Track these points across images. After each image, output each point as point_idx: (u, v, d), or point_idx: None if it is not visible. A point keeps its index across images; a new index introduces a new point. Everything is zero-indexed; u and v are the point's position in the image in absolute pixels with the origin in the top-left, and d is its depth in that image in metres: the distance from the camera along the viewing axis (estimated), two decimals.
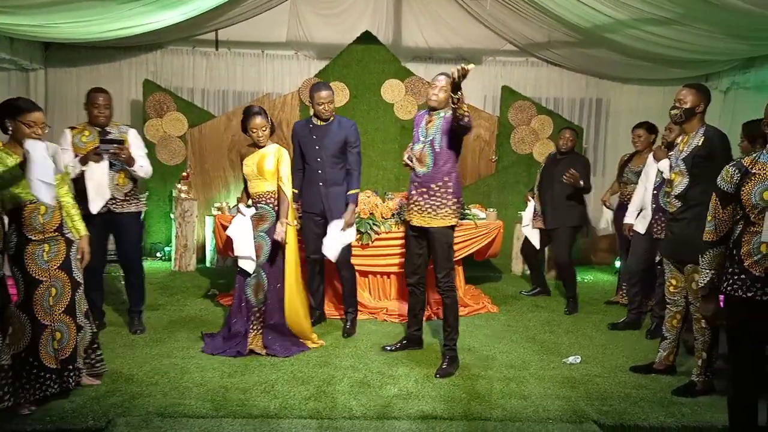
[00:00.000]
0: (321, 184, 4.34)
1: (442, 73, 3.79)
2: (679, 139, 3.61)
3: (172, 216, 6.49)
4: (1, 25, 5.39)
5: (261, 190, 4.02)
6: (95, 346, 3.44)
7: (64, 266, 3.21)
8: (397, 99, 6.85)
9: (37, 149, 2.95)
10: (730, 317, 2.59)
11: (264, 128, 3.94)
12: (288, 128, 6.83)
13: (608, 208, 5.65)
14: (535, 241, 5.57)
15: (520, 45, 7.20)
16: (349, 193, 4.36)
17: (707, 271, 2.66)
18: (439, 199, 3.74)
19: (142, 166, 4.18)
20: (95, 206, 4.04)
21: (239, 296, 4.04)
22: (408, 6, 7.05)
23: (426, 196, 3.76)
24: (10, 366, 3.04)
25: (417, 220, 3.82)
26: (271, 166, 3.97)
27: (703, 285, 2.67)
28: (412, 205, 3.85)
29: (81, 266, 3.34)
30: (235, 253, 4.03)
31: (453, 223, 3.79)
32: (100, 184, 4.05)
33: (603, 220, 5.95)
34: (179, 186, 6.39)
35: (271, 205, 4.02)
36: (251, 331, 3.99)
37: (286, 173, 4.00)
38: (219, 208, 5.90)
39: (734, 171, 2.57)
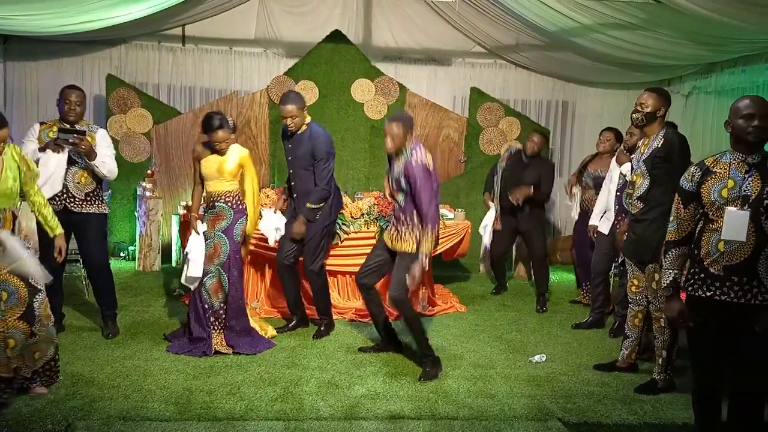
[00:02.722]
0: (295, 195, 4.30)
1: (390, 119, 3.72)
2: (640, 142, 3.68)
3: (136, 214, 6.35)
4: None
5: (220, 189, 3.99)
6: (56, 358, 3.31)
7: (17, 271, 3.05)
8: (367, 99, 6.84)
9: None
10: (690, 317, 2.64)
11: (227, 141, 3.90)
12: (256, 126, 6.78)
13: (571, 195, 5.59)
14: (487, 242, 5.66)
15: (488, 47, 7.27)
16: (306, 204, 4.17)
17: (670, 271, 2.70)
18: (408, 229, 3.72)
19: (104, 162, 4.02)
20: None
21: (195, 301, 3.98)
22: (378, 5, 7.05)
23: (398, 224, 3.78)
24: None
25: (388, 240, 3.85)
26: (232, 166, 3.95)
27: (666, 285, 2.71)
28: (391, 228, 3.86)
29: (59, 260, 3.27)
30: (188, 273, 3.98)
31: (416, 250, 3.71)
32: (53, 175, 3.88)
33: (566, 220, 6.06)
34: (144, 184, 6.25)
35: (229, 204, 3.99)
36: (213, 332, 3.95)
37: (250, 178, 4.03)
38: (185, 207, 5.79)
39: (696, 170, 2.64)
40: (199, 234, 4.03)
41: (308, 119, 4.25)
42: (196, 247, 4.00)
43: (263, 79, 7.00)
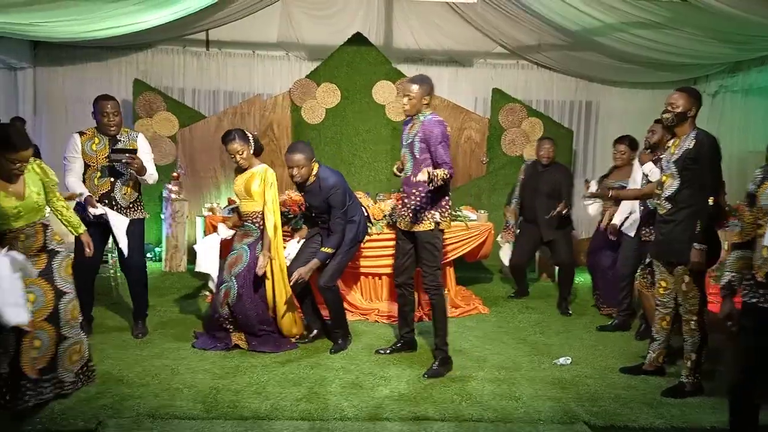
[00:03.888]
0: (324, 227, 4.23)
1: (409, 80, 3.81)
2: (670, 143, 3.64)
3: (162, 216, 6.45)
4: None
5: (249, 210, 4.08)
6: (90, 356, 3.40)
7: (44, 274, 3.14)
8: (388, 100, 6.86)
9: (1, 269, 2.77)
10: (738, 321, 2.61)
11: (241, 152, 3.96)
12: (279, 128, 6.85)
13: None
14: (505, 259, 5.66)
15: (510, 48, 7.24)
16: (322, 249, 4.07)
17: (728, 272, 2.68)
18: (419, 204, 3.75)
19: (152, 174, 4.14)
20: (95, 212, 3.99)
21: (212, 305, 4.19)
22: (399, 8, 7.07)
23: (407, 200, 3.82)
24: (8, 374, 3.03)
25: (402, 225, 3.89)
26: (257, 187, 3.99)
27: (721, 286, 2.70)
28: (400, 209, 3.92)
29: (89, 254, 3.42)
30: (196, 268, 4.17)
31: (432, 227, 3.75)
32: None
33: (589, 221, 5.99)
34: (170, 186, 6.35)
35: (256, 225, 4.07)
36: (233, 333, 4.08)
37: (271, 198, 3.98)
38: (210, 209, 5.87)
39: (759, 171, 2.60)
40: (218, 235, 4.17)
41: (315, 169, 4.08)
42: (208, 245, 4.18)
43: (285, 82, 7.06)
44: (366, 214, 4.62)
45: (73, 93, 6.89)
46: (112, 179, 4.08)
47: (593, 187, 4.90)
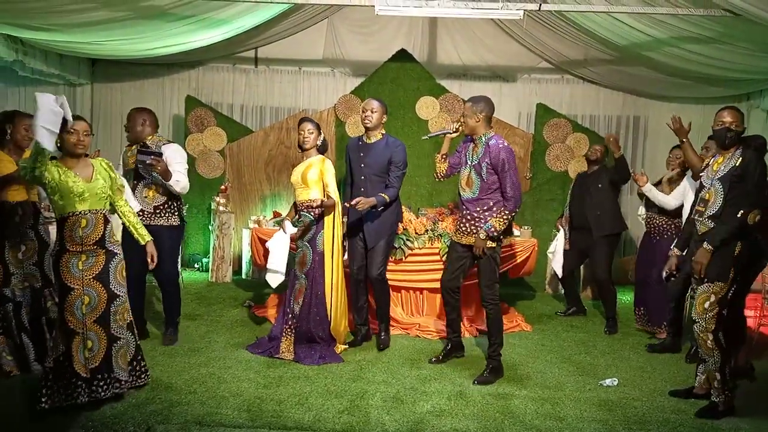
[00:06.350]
0: (361, 227, 4.40)
1: (468, 100, 3.94)
2: (711, 160, 3.61)
3: (210, 228, 6.63)
4: (51, 42, 5.65)
5: (304, 198, 4.26)
6: (139, 357, 3.52)
7: (101, 277, 3.26)
8: (431, 116, 6.89)
9: (44, 99, 2.98)
10: None
11: (311, 131, 4.22)
12: None
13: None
14: (558, 270, 5.62)
15: (555, 62, 7.19)
16: (380, 194, 4.27)
17: None
18: (482, 222, 3.88)
19: (179, 181, 4.16)
20: None
21: (283, 302, 4.33)
22: (443, 24, 7.12)
23: (470, 218, 3.93)
24: (51, 369, 3.17)
25: (464, 239, 3.99)
26: (315, 175, 4.20)
27: None
28: (460, 226, 4.02)
29: (152, 266, 3.56)
30: (267, 265, 4.34)
31: (493, 245, 3.88)
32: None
33: (639, 238, 5.83)
34: (217, 199, 6.54)
35: (312, 213, 4.21)
36: (284, 336, 4.19)
37: (330, 182, 4.20)
38: (256, 221, 6.01)
39: None
40: (285, 233, 4.30)
41: (384, 130, 4.41)
42: (278, 243, 4.32)
43: (330, 97, 7.19)
44: (401, 207, 4.76)
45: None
46: (135, 181, 4.23)
47: (641, 212, 4.87)
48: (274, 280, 4.39)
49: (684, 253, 4.43)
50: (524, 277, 5.88)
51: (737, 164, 3.39)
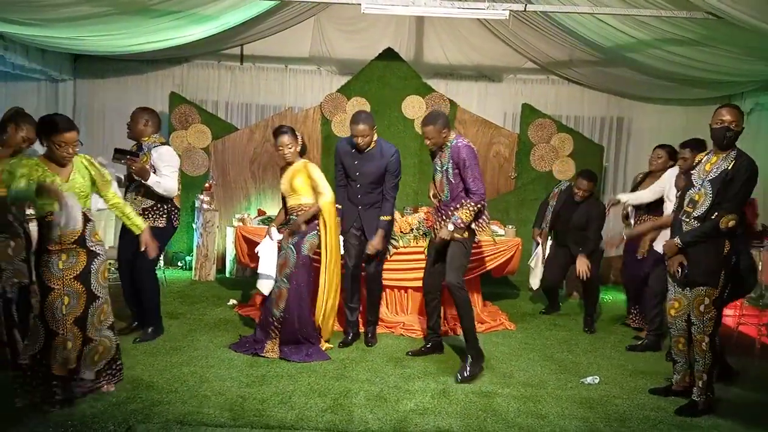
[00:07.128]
0: (360, 207, 4.44)
1: (426, 123, 3.98)
2: (704, 159, 3.55)
3: (194, 226, 6.58)
4: (33, 37, 5.56)
5: (294, 204, 4.29)
6: (117, 357, 3.49)
7: (81, 277, 3.23)
8: (417, 115, 6.89)
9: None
10: None
11: (289, 146, 4.18)
12: (309, 141, 6.89)
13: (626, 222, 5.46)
14: (535, 285, 5.61)
15: (540, 63, 7.23)
16: (381, 218, 4.38)
17: None
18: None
19: (159, 182, 4.16)
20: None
21: (264, 307, 4.31)
22: (430, 24, 7.13)
23: (445, 217, 4.04)
24: (28, 366, 3.15)
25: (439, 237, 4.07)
26: (301, 182, 4.21)
27: None
28: (436, 227, 4.13)
29: (151, 255, 3.55)
30: (258, 270, 4.35)
31: (465, 236, 3.97)
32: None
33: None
34: (202, 197, 6.49)
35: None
36: (268, 339, 4.19)
37: (319, 181, 4.21)
38: (241, 219, 5.98)
39: None
40: (272, 239, 4.33)
41: (376, 137, 4.39)
42: (266, 249, 4.35)
43: (317, 95, 7.17)
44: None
45: (111, 105, 7.11)
46: (128, 184, 4.31)
47: (631, 213, 4.90)
48: (266, 286, 4.32)
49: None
50: (508, 275, 5.91)
51: (729, 167, 3.36)
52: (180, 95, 6.93)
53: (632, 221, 5.12)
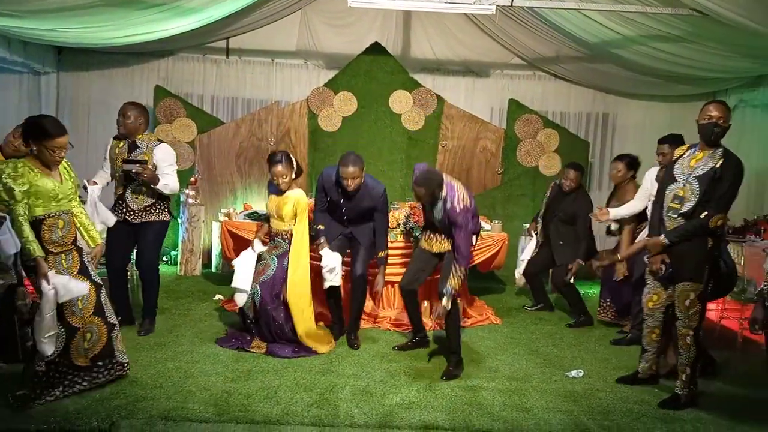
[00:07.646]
0: (349, 231, 4.47)
1: (418, 185, 3.87)
2: (688, 153, 3.53)
3: (179, 220, 6.53)
4: (14, 29, 5.47)
5: (279, 228, 4.28)
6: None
7: (83, 271, 3.33)
8: (404, 110, 6.89)
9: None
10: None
11: (284, 176, 4.15)
12: (296, 136, 6.91)
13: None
14: (518, 276, 5.62)
15: (527, 59, 7.25)
16: (378, 255, 4.41)
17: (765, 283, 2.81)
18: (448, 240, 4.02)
19: (167, 184, 4.23)
20: (111, 221, 4.11)
21: (243, 312, 4.29)
22: (417, 18, 7.12)
23: (437, 234, 4.13)
24: (44, 372, 3.18)
25: (437, 248, 4.14)
26: (290, 211, 4.21)
27: (757, 293, 2.85)
28: (430, 236, 4.17)
29: (95, 269, 3.47)
30: (233, 284, 4.27)
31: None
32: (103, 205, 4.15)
33: (604, 238, 5.90)
34: (187, 191, 6.44)
35: (287, 241, 4.24)
36: (254, 338, 4.22)
37: (302, 215, 4.22)
38: (226, 214, 5.94)
39: None
40: (254, 251, 4.33)
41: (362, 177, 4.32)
42: (244, 261, 4.31)
43: (303, 90, 7.13)
44: None
45: (95, 98, 7.03)
46: (125, 183, 4.27)
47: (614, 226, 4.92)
48: (241, 299, 4.27)
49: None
50: (494, 270, 5.93)
51: (718, 166, 3.35)
52: (165, 89, 6.87)
53: (616, 228, 5.10)
